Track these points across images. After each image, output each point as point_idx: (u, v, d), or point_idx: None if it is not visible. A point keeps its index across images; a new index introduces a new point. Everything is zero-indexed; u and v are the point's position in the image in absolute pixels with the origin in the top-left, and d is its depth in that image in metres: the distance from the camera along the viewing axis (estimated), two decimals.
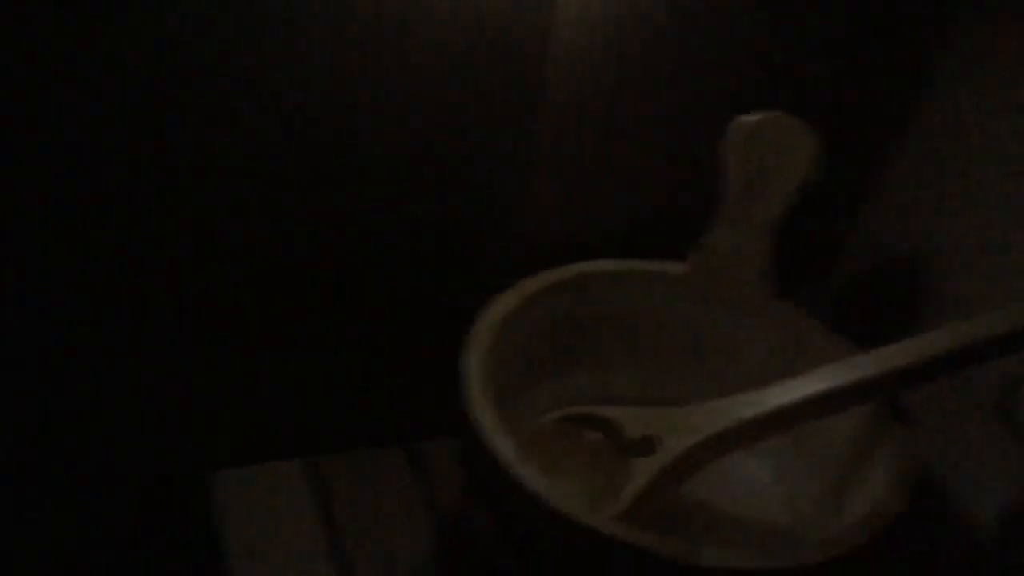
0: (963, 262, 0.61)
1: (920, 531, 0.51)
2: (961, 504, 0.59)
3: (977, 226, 0.59)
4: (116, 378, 0.58)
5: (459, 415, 0.49)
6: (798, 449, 0.59)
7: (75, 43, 0.45)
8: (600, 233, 0.64)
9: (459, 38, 0.52)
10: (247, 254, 0.56)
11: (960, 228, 0.61)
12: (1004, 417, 0.56)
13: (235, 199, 0.54)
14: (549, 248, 0.61)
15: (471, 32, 0.52)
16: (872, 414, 0.53)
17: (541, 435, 0.56)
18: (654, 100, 0.60)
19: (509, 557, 0.50)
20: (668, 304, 0.60)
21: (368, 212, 0.57)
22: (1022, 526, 0.56)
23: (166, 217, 0.53)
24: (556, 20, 0.53)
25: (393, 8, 0.49)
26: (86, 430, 0.58)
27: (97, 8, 0.44)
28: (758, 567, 0.43)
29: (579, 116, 0.58)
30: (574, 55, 0.55)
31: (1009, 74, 0.58)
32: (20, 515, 0.60)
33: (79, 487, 0.60)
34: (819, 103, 0.63)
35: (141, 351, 0.57)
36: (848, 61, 0.62)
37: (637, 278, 0.60)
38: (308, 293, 0.59)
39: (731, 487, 0.59)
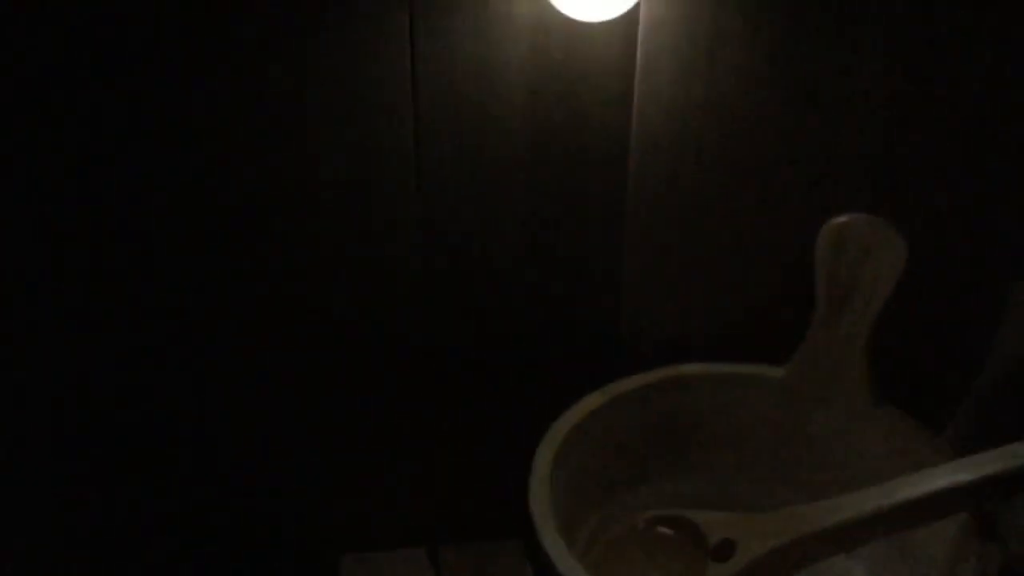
0: None
1: None
2: None
3: None
4: (271, 460, 0.65)
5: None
6: (897, 550, 0.56)
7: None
8: (696, 335, 0.64)
9: (547, 155, 0.57)
10: (382, 362, 0.63)
11: None
12: None
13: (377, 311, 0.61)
14: (644, 350, 0.64)
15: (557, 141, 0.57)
16: (965, 522, 0.50)
17: (630, 535, 0.57)
18: (743, 202, 0.61)
19: None
20: (765, 409, 0.60)
21: (477, 319, 0.62)
22: None
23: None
24: (635, 124, 0.57)
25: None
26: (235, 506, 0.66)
27: None
28: None
29: (664, 218, 0.61)
30: (654, 158, 0.58)
31: None
32: None
33: (222, 558, 0.68)
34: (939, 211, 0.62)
35: (295, 443, 0.65)
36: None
37: (733, 382, 0.60)
38: (429, 393, 0.64)
39: None
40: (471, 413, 0.66)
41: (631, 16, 0.53)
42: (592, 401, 0.57)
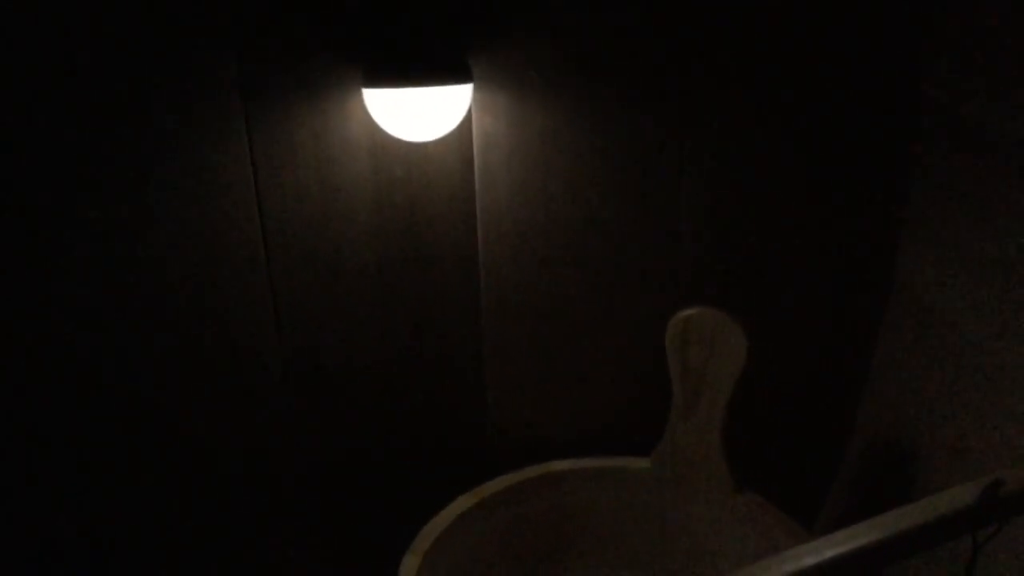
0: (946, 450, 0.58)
1: None
2: None
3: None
4: None
5: None
6: None
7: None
8: (562, 432, 0.66)
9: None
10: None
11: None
12: None
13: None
14: (512, 450, 0.65)
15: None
16: None
17: None
18: (594, 303, 0.63)
19: None
20: (634, 500, 0.61)
21: (340, 431, 0.63)
22: None
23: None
24: (481, 233, 0.59)
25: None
26: None
27: None
28: None
29: (519, 322, 0.62)
30: (502, 266, 0.60)
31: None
32: None
33: None
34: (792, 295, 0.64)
35: None
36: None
37: (601, 476, 0.61)
38: (301, 506, 0.65)
39: None
40: (340, 523, 0.66)
41: (463, 133, 0.55)
42: (462, 503, 0.58)
